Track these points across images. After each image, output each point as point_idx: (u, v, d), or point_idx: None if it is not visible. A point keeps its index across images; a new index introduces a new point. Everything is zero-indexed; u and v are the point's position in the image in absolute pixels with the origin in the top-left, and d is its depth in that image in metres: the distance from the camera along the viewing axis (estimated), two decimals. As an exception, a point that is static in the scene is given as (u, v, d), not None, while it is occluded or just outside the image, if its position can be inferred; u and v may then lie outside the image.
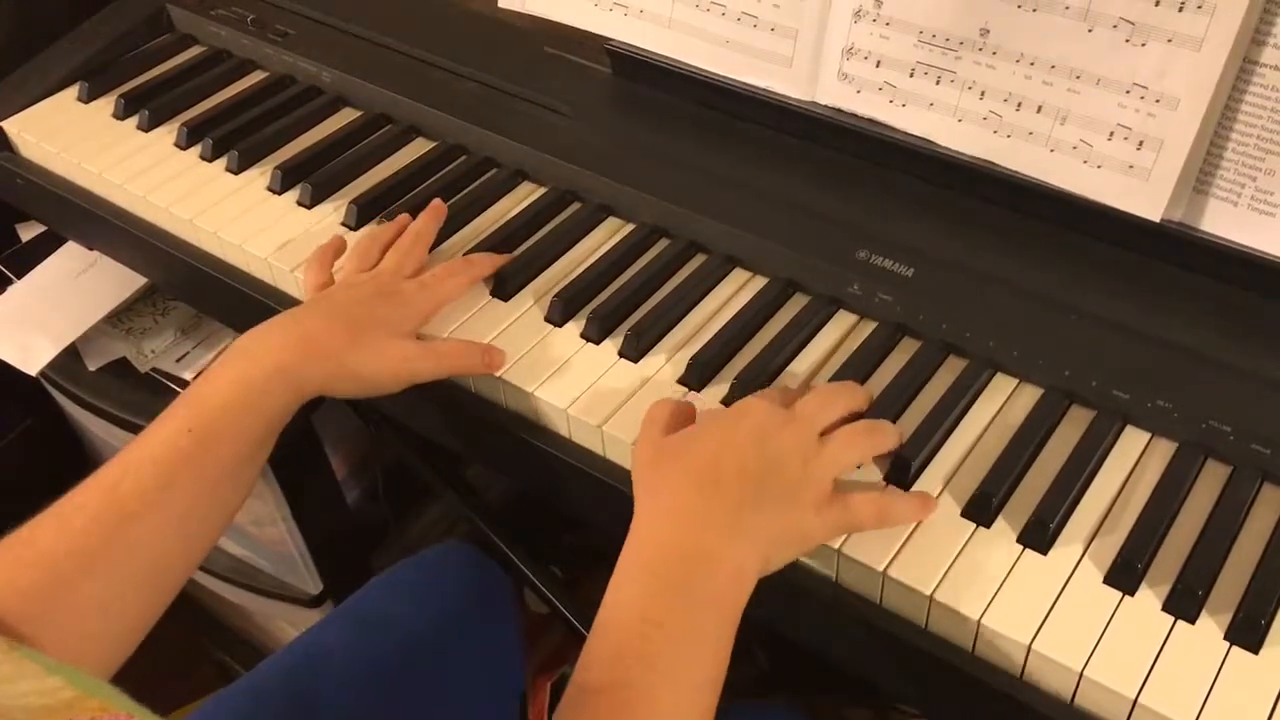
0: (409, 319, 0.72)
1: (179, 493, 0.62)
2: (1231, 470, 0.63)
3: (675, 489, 0.59)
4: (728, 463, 0.58)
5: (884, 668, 0.63)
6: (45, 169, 0.97)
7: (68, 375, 1.09)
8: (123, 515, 0.61)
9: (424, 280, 0.74)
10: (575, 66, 0.93)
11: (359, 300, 0.71)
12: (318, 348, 0.67)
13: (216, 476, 0.64)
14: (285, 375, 0.66)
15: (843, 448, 0.61)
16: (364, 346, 0.69)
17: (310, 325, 0.69)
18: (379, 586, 0.88)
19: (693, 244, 0.80)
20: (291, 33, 1.02)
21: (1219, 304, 0.69)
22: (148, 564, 0.62)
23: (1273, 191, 0.66)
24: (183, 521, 0.63)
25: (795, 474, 0.59)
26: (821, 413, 0.63)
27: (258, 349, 0.67)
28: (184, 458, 0.63)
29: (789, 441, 0.60)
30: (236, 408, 0.65)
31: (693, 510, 0.57)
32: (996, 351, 0.69)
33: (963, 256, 0.73)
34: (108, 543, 0.60)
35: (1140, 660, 0.55)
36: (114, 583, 0.60)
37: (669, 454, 0.60)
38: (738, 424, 0.61)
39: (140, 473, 0.62)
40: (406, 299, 0.73)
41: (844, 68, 0.79)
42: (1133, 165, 0.69)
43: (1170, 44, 0.66)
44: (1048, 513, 0.61)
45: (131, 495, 0.61)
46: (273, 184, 0.89)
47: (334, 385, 0.69)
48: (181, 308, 1.11)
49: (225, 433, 0.64)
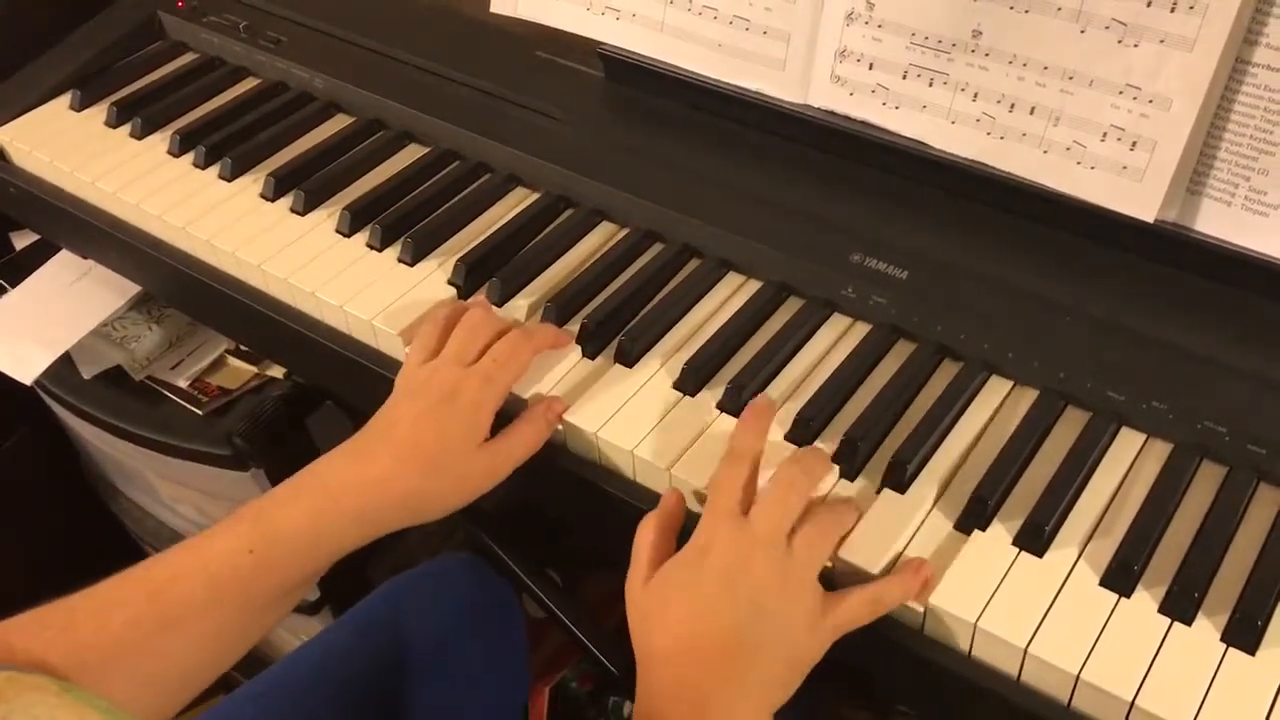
0: (479, 426, 0.67)
1: (225, 610, 0.62)
2: (1227, 471, 0.63)
3: (665, 661, 0.57)
4: (707, 629, 0.56)
5: (881, 670, 0.63)
6: (38, 177, 0.97)
7: (63, 384, 1.09)
8: (163, 622, 0.60)
9: (487, 373, 0.68)
10: (568, 71, 0.93)
11: (426, 425, 0.66)
12: (393, 490, 0.65)
13: (264, 602, 0.64)
14: (360, 517, 0.65)
15: (812, 550, 0.59)
16: (439, 478, 0.66)
17: (385, 466, 0.65)
18: (382, 596, 0.87)
19: (686, 248, 0.80)
20: (284, 39, 1.02)
21: (1214, 305, 0.68)
22: (174, 673, 0.61)
23: (1266, 191, 0.66)
24: (219, 637, 0.62)
25: (776, 606, 0.57)
26: (782, 518, 0.59)
27: (335, 485, 0.65)
28: (239, 578, 0.62)
29: (760, 571, 0.57)
30: (304, 541, 0.64)
31: (687, 688, 0.55)
32: (991, 354, 0.69)
33: (957, 259, 0.73)
34: (141, 646, 0.59)
35: (1137, 662, 0.55)
36: (137, 682, 0.59)
37: (657, 609, 0.58)
38: (702, 572, 0.58)
39: (191, 582, 0.61)
40: (474, 404, 0.67)
41: (837, 70, 0.79)
42: (1126, 166, 0.69)
43: (1163, 44, 0.66)
44: (1043, 515, 0.61)
45: (177, 603, 0.60)
46: (266, 191, 0.89)
47: (410, 520, 0.67)
48: (175, 315, 1.11)
49: (287, 562, 0.63)
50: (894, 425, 0.67)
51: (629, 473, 0.69)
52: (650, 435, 0.68)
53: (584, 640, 1.05)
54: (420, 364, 0.70)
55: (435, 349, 0.71)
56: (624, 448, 0.67)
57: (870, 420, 0.67)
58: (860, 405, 0.68)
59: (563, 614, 1.06)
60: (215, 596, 0.61)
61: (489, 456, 0.67)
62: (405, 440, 0.66)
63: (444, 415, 0.66)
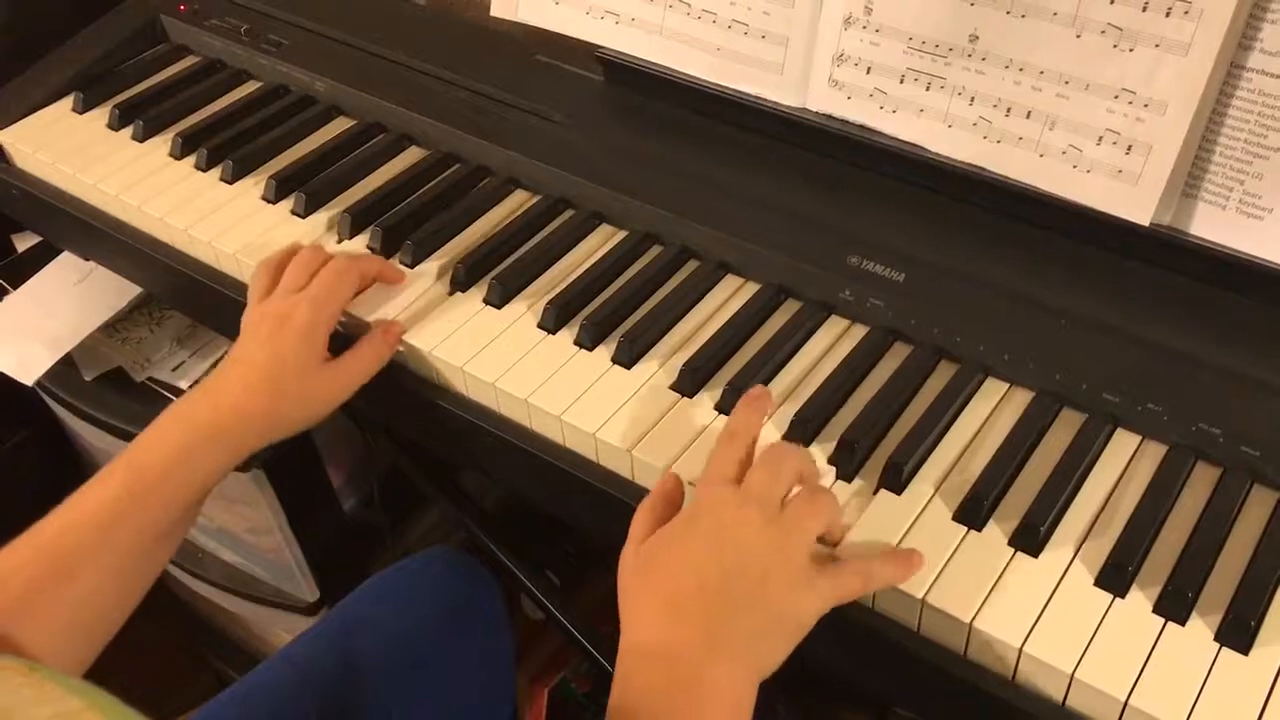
0: (314, 344, 0.73)
1: (117, 551, 0.65)
2: (1221, 472, 0.63)
3: (645, 621, 0.57)
4: (686, 583, 0.56)
5: (877, 671, 0.63)
6: (41, 180, 0.97)
7: (64, 385, 1.09)
8: (61, 574, 0.63)
9: (314, 296, 0.74)
10: (567, 74, 0.94)
11: (262, 346, 0.72)
12: (247, 410, 0.70)
13: (153, 534, 0.68)
14: (223, 440, 0.70)
15: (803, 516, 0.59)
16: (284, 396, 0.71)
17: (236, 389, 0.71)
18: (366, 592, 0.88)
19: (685, 250, 0.80)
20: (285, 43, 1.03)
21: (1208, 307, 0.69)
22: (86, 617, 0.65)
23: (1260, 195, 0.67)
24: (120, 576, 0.66)
25: (762, 567, 0.56)
26: (775, 482, 0.59)
27: (197, 416, 0.70)
28: (122, 520, 0.66)
29: (748, 532, 0.57)
30: (177, 470, 0.68)
31: (664, 643, 0.55)
32: (988, 355, 0.70)
33: (954, 261, 0.73)
34: (45, 602, 0.63)
35: (1131, 662, 0.55)
36: (53, 636, 0.63)
37: (641, 569, 0.59)
38: (691, 529, 0.58)
39: (79, 533, 0.65)
40: (305, 324, 0.72)
41: (834, 74, 0.79)
42: (1122, 170, 0.70)
43: (1158, 49, 0.67)
44: (1039, 516, 0.61)
45: (69, 555, 0.64)
46: (267, 193, 0.89)
47: (270, 437, 0.72)
48: (177, 317, 1.12)
49: (164, 493, 0.67)
50: (891, 427, 0.68)
51: (627, 473, 0.69)
52: (648, 436, 0.68)
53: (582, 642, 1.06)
54: (256, 304, 0.76)
55: (269, 289, 0.77)
56: (621, 448, 0.68)
57: (867, 422, 0.67)
58: (857, 407, 0.69)
59: (561, 615, 1.07)
60: (104, 540, 0.65)
61: (330, 373, 0.73)
62: (249, 367, 0.72)
63: (279, 340, 0.72)
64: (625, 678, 0.56)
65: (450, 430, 0.78)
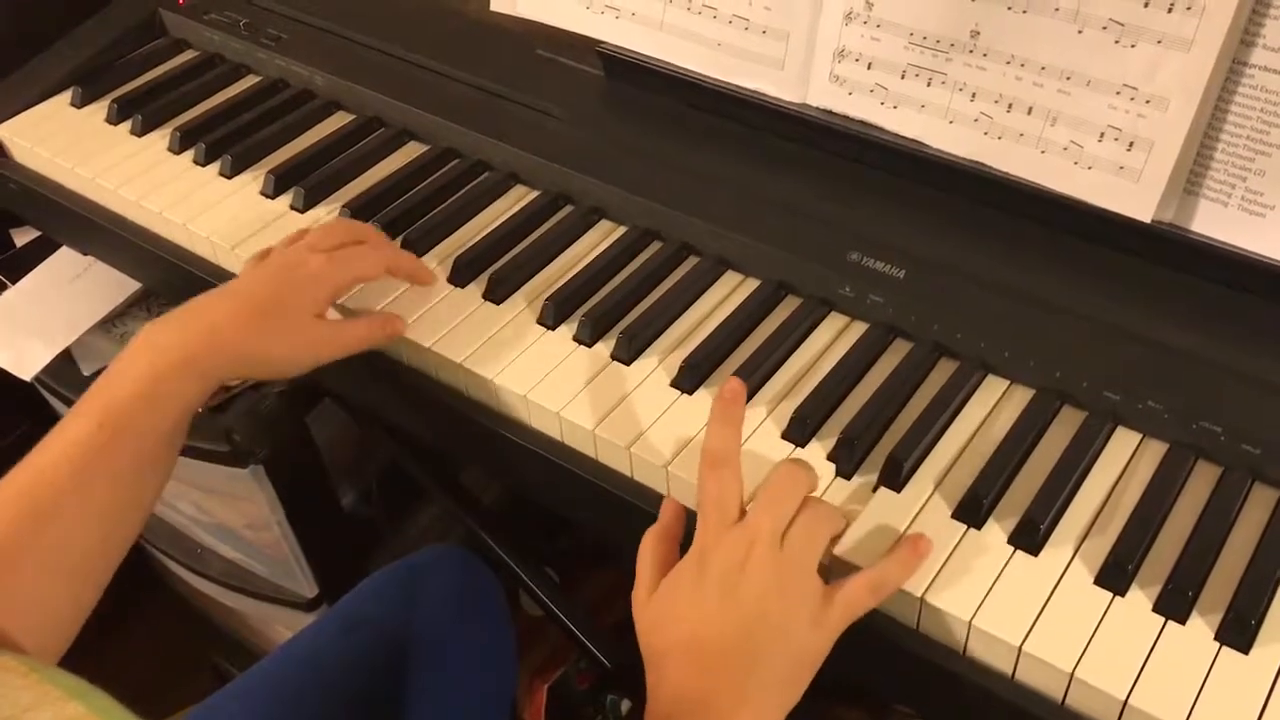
0: (317, 299, 0.71)
1: (96, 489, 0.63)
2: (1222, 471, 0.63)
3: (671, 670, 0.57)
4: (708, 639, 0.56)
5: (876, 669, 0.63)
6: (39, 174, 0.97)
7: (63, 380, 1.09)
8: (42, 516, 0.61)
9: (333, 257, 0.73)
10: (567, 69, 0.93)
11: (263, 282, 0.71)
12: (223, 337, 0.68)
13: (131, 469, 0.65)
14: (192, 366, 0.67)
15: (808, 544, 0.58)
16: (270, 333, 0.69)
17: (216, 315, 0.69)
18: (367, 589, 0.88)
19: (685, 246, 0.80)
20: (284, 37, 1.02)
21: (1210, 305, 0.69)
22: (72, 558, 0.63)
23: (1263, 192, 0.66)
24: (102, 515, 0.64)
25: (778, 607, 0.56)
26: (776, 519, 0.58)
27: (164, 340, 0.67)
28: (97, 454, 0.63)
29: (758, 574, 0.57)
30: (146, 401, 0.65)
31: (692, 696, 0.55)
32: (988, 353, 0.69)
33: (954, 258, 0.73)
34: (29, 544, 0.61)
35: (1131, 661, 0.55)
36: (42, 582, 0.61)
37: (659, 626, 0.59)
38: (704, 580, 0.57)
39: (55, 473, 0.63)
40: (313, 276, 0.71)
41: (835, 70, 0.79)
42: (1123, 166, 0.69)
43: (1160, 45, 0.66)
44: (1038, 514, 0.61)
45: (48, 495, 0.62)
46: (266, 188, 0.89)
47: (241, 371, 0.70)
48: (176, 312, 1.11)
49: (137, 426, 0.65)
50: (890, 424, 0.68)
51: (626, 470, 0.69)
52: (647, 433, 0.68)
53: (582, 638, 1.06)
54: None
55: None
56: (620, 445, 0.68)
57: (866, 419, 0.67)
58: (857, 404, 0.68)
59: (561, 612, 1.07)
60: (81, 478, 0.63)
61: (321, 329, 0.72)
62: (242, 293, 0.70)
63: (284, 279, 0.71)
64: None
65: (447, 424, 0.78)
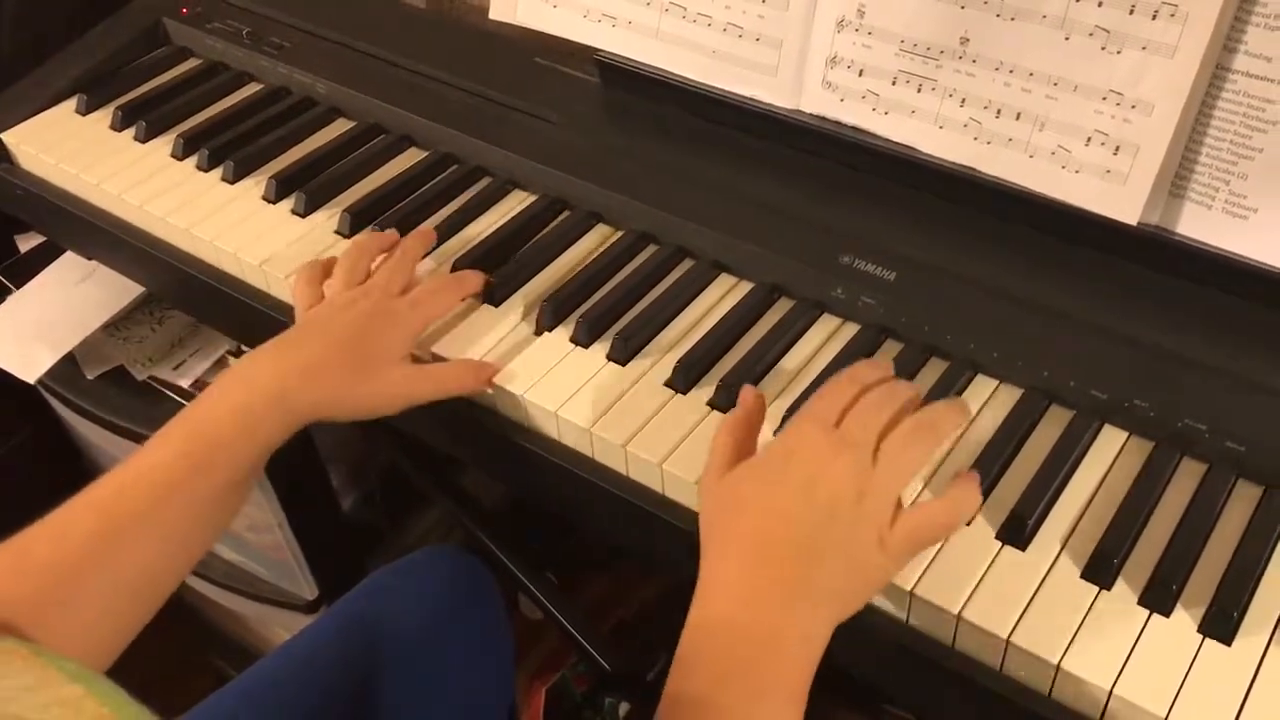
0: (404, 341, 0.72)
1: (171, 514, 0.64)
2: (1206, 468, 0.64)
3: (731, 561, 0.56)
4: (775, 529, 0.56)
5: (864, 663, 0.64)
6: (44, 180, 0.98)
7: (66, 383, 1.10)
8: (116, 533, 0.62)
9: (415, 298, 0.74)
10: (565, 77, 0.95)
11: (355, 324, 0.71)
12: (317, 376, 0.68)
13: (209, 500, 0.66)
14: (284, 404, 0.67)
15: (895, 466, 0.57)
16: (364, 373, 0.69)
17: (309, 353, 0.69)
18: (365, 590, 0.88)
19: (680, 250, 0.81)
20: (287, 45, 1.04)
21: (1194, 306, 0.70)
22: (138, 578, 0.64)
23: (1245, 195, 0.68)
24: (172, 541, 0.65)
25: (849, 516, 0.55)
26: (869, 430, 0.58)
27: (258, 376, 0.68)
28: (178, 482, 0.64)
29: (839, 478, 0.56)
30: (234, 436, 0.66)
31: (749, 587, 0.55)
32: (977, 353, 0.71)
33: (944, 261, 0.74)
34: (101, 559, 0.62)
35: (1116, 653, 0.56)
36: (105, 595, 0.62)
37: (729, 508, 0.58)
38: (784, 474, 0.57)
39: (135, 493, 0.63)
40: (399, 319, 0.72)
41: (828, 76, 0.80)
42: (1110, 170, 0.71)
43: (1145, 51, 0.68)
44: (1026, 509, 0.62)
45: (125, 515, 0.63)
46: (268, 193, 0.90)
47: (333, 412, 0.70)
48: (178, 316, 1.12)
49: (221, 459, 0.65)
50: (882, 423, 0.69)
51: (622, 468, 0.70)
52: (642, 432, 0.69)
53: (580, 640, 1.06)
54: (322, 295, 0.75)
55: (361, 277, 0.75)
56: (616, 443, 0.69)
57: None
58: (849, 403, 0.69)
59: (560, 614, 1.07)
60: (162, 503, 0.63)
61: (413, 372, 0.72)
62: (339, 334, 0.70)
63: (372, 325, 0.71)
64: (705, 606, 0.56)
65: (446, 425, 0.79)
